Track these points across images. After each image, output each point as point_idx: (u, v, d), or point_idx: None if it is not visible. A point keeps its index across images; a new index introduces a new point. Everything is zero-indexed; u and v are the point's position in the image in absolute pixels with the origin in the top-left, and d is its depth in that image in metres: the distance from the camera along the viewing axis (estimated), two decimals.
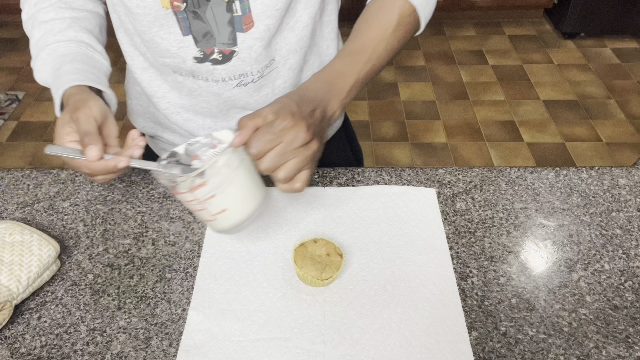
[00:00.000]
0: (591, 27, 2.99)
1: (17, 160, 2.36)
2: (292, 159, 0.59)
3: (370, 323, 0.66)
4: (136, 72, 0.83)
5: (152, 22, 0.73)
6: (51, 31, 0.78)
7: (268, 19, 0.74)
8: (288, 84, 0.84)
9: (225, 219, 0.63)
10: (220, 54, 0.76)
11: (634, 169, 0.87)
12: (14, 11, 3.24)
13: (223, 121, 0.86)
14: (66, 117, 0.66)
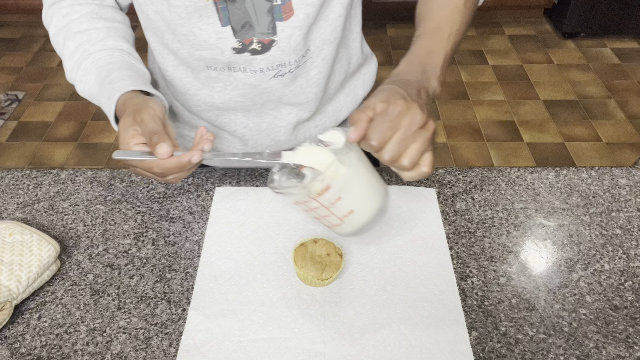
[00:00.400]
0: (591, 27, 2.99)
1: (17, 160, 2.36)
2: (413, 143, 0.57)
3: (370, 323, 0.66)
4: (167, 70, 0.83)
5: (191, 13, 0.73)
6: (89, 41, 0.78)
7: (307, 7, 0.74)
8: (322, 75, 0.84)
9: (353, 220, 0.61)
10: (260, 44, 0.76)
11: (634, 169, 0.87)
12: (14, 11, 3.24)
13: (256, 116, 0.85)
14: (129, 121, 0.66)
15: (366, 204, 0.61)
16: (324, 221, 0.63)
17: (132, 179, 0.87)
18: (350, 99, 0.94)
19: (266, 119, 0.86)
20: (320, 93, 0.86)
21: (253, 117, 0.86)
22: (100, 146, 2.42)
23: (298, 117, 0.87)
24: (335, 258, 0.69)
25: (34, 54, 3.06)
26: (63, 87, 2.80)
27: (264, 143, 0.88)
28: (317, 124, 0.91)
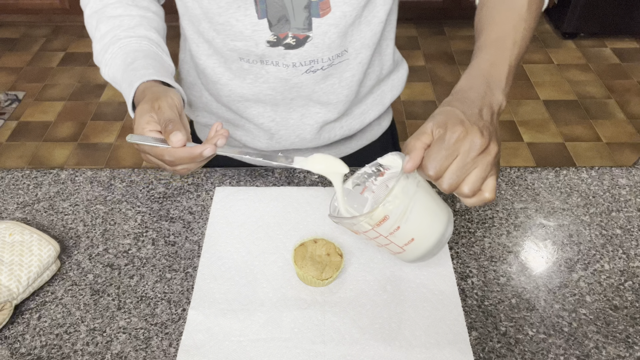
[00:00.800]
0: (591, 27, 2.99)
1: (17, 160, 2.36)
2: (474, 170, 0.54)
3: (370, 323, 0.66)
4: (200, 59, 0.84)
5: (230, 3, 0.73)
6: (120, 26, 0.78)
7: (345, 5, 0.74)
8: (356, 78, 0.84)
9: (415, 248, 0.61)
10: (294, 38, 0.76)
11: (634, 169, 0.87)
12: (14, 11, 3.24)
13: (284, 111, 0.86)
14: (146, 107, 0.66)
15: (427, 232, 0.60)
16: (386, 249, 0.64)
17: (132, 179, 0.87)
18: (377, 103, 0.94)
19: (294, 115, 0.86)
20: (351, 96, 0.86)
21: (281, 112, 0.86)
22: (100, 146, 2.42)
23: (325, 117, 0.87)
24: (335, 258, 0.70)
25: (34, 54, 3.06)
26: (63, 87, 2.80)
27: (288, 139, 0.89)
28: (343, 125, 0.91)
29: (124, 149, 2.41)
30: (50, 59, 3.03)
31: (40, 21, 3.33)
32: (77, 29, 3.29)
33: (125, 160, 2.35)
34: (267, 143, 0.89)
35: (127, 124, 2.55)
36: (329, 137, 0.91)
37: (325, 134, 0.90)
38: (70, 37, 3.21)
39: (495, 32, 0.69)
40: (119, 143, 2.44)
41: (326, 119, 0.88)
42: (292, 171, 0.88)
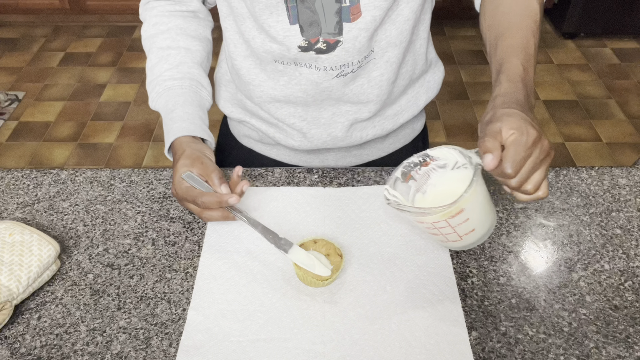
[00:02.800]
0: (591, 27, 2.99)
1: (17, 160, 2.36)
2: (538, 170, 0.59)
3: (370, 323, 0.66)
4: (237, 60, 0.86)
5: (263, 9, 0.75)
6: (167, 61, 0.86)
7: (375, 10, 0.75)
8: (385, 77, 0.84)
9: (471, 237, 0.64)
10: (325, 43, 0.77)
11: (634, 169, 0.87)
12: (14, 11, 3.24)
13: (314, 111, 0.87)
14: (187, 162, 0.75)
15: (485, 222, 0.64)
16: (441, 237, 0.64)
17: (132, 179, 0.87)
18: (411, 104, 0.94)
19: (325, 114, 0.87)
20: (382, 95, 0.86)
21: (312, 112, 0.87)
22: (100, 146, 2.42)
23: (356, 116, 0.88)
24: (335, 258, 0.70)
25: (34, 54, 3.06)
26: (63, 87, 2.80)
27: (320, 138, 0.89)
28: (375, 124, 0.91)
29: (124, 149, 2.41)
30: (50, 59, 3.03)
31: (40, 21, 3.33)
32: (77, 29, 3.29)
33: (125, 160, 2.35)
34: (300, 142, 0.90)
35: (127, 124, 2.55)
36: (361, 137, 0.91)
37: (357, 132, 0.90)
38: (70, 37, 3.21)
39: (519, 38, 0.72)
40: (119, 143, 2.44)
41: (357, 117, 0.88)
42: (292, 171, 0.88)
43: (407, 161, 0.65)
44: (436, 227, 0.62)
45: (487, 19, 0.79)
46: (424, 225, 0.62)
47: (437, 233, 0.63)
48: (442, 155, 0.65)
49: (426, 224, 0.62)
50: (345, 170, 0.88)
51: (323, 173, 0.87)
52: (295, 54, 0.78)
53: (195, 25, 0.89)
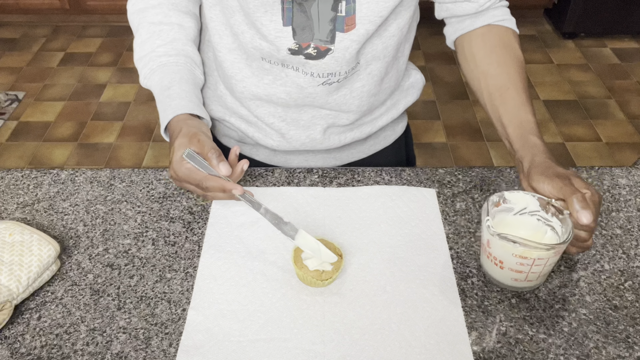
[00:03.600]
0: (591, 27, 2.99)
1: (17, 160, 2.36)
2: None
3: (370, 324, 0.66)
4: (221, 52, 0.84)
5: (258, 6, 0.74)
6: (160, 36, 0.83)
7: (370, 24, 0.75)
8: (366, 89, 0.85)
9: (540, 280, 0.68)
10: (316, 49, 0.77)
11: (634, 169, 0.87)
12: (14, 11, 3.24)
13: (294, 113, 0.87)
14: (184, 141, 0.72)
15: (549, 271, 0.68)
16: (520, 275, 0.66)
17: (132, 179, 0.87)
18: (390, 108, 0.94)
19: (304, 116, 0.87)
20: (363, 107, 0.87)
21: (292, 113, 0.87)
22: (100, 146, 2.42)
23: (335, 121, 0.88)
24: None
25: (34, 54, 3.06)
26: (63, 87, 2.80)
27: (299, 139, 0.89)
28: (354, 128, 0.92)
29: (124, 149, 2.41)
30: (50, 59, 3.03)
31: (40, 21, 3.33)
32: (77, 29, 3.29)
33: (125, 160, 2.35)
34: (279, 142, 0.90)
35: (127, 124, 2.55)
36: (340, 140, 0.91)
37: (335, 136, 0.90)
38: (70, 37, 3.21)
39: (521, 88, 0.80)
40: (119, 143, 2.44)
41: (335, 122, 0.88)
42: (292, 171, 0.88)
43: (490, 197, 0.68)
44: (531, 264, 0.64)
45: (480, 65, 0.83)
46: (517, 260, 0.64)
47: (523, 270, 0.65)
48: (514, 199, 0.69)
49: (523, 259, 0.64)
50: (345, 170, 0.88)
51: (323, 173, 0.87)
52: (284, 55, 0.78)
53: (186, 1, 0.87)
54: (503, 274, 0.67)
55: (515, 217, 0.69)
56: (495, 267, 0.67)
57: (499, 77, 0.80)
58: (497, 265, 0.66)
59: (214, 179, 0.71)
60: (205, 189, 0.71)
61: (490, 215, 0.66)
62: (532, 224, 0.69)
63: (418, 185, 0.84)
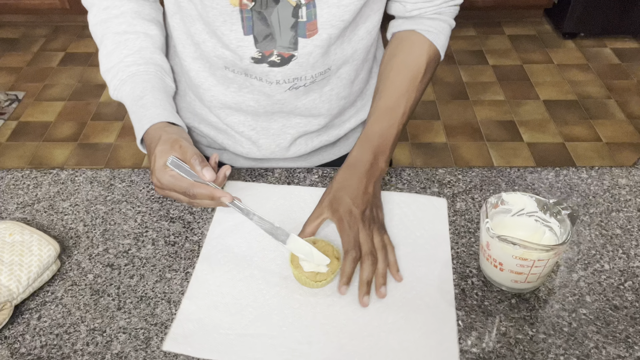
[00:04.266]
0: (591, 27, 2.98)
1: (17, 160, 2.36)
2: None
3: (359, 329, 0.65)
4: (185, 60, 0.84)
5: (216, 15, 0.73)
6: (126, 46, 0.81)
7: (332, 29, 0.75)
8: (335, 92, 0.85)
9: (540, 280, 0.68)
10: (279, 57, 0.76)
11: (634, 169, 0.87)
12: (14, 11, 3.24)
13: (264, 121, 0.86)
14: (166, 148, 0.71)
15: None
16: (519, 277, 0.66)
17: (132, 179, 0.87)
18: (359, 110, 0.94)
19: (274, 125, 0.86)
20: (333, 110, 0.87)
21: (262, 122, 0.86)
22: (100, 146, 2.42)
23: (306, 128, 0.88)
24: (332, 260, 0.69)
25: (34, 54, 3.06)
26: (63, 87, 2.80)
27: (269, 148, 0.89)
28: (321, 132, 0.92)
29: (124, 149, 2.41)
30: (50, 59, 3.03)
31: (40, 21, 3.33)
32: (77, 29, 3.29)
33: (125, 160, 2.35)
34: (249, 149, 0.89)
35: (127, 124, 2.55)
36: (308, 146, 0.91)
37: (303, 143, 0.90)
38: (70, 37, 3.21)
39: (390, 100, 0.81)
40: (119, 143, 2.44)
41: (307, 130, 0.88)
42: (292, 171, 0.88)
43: (488, 199, 0.68)
44: (530, 265, 0.64)
45: (382, 63, 0.85)
46: (516, 262, 0.64)
47: (522, 272, 0.65)
48: (512, 201, 0.69)
49: (523, 261, 0.63)
50: None
51: (323, 173, 0.87)
52: (247, 64, 0.77)
53: (149, 8, 0.84)
54: (503, 276, 0.67)
55: (514, 218, 0.69)
56: (495, 269, 0.67)
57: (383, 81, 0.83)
58: (496, 268, 0.66)
59: (202, 187, 0.69)
60: (192, 196, 0.70)
61: (489, 217, 0.66)
62: (530, 225, 0.69)
63: (418, 185, 0.84)
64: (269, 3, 0.71)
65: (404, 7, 0.83)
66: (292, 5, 0.72)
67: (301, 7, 0.72)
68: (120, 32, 0.81)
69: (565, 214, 0.65)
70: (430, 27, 0.83)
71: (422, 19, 0.84)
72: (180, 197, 0.71)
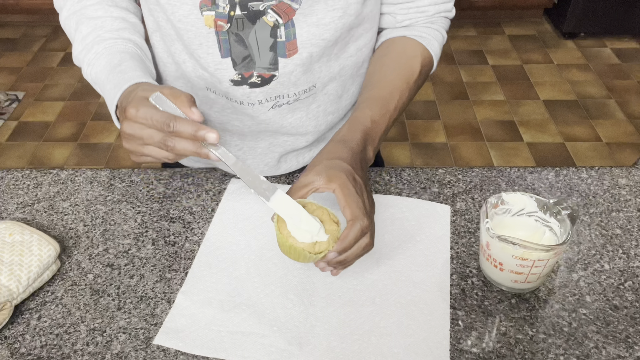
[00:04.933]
0: (591, 27, 2.98)
1: (17, 160, 2.36)
2: None
3: (350, 333, 0.64)
4: (167, 80, 0.83)
5: (192, 38, 0.72)
6: (103, 27, 0.75)
7: (313, 47, 0.73)
8: (322, 108, 0.83)
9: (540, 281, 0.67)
10: (259, 77, 0.75)
11: (634, 169, 0.87)
12: (14, 11, 3.24)
13: (251, 141, 0.84)
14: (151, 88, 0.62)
15: None
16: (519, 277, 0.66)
17: (132, 179, 0.87)
18: None
19: (261, 144, 0.85)
20: (320, 126, 0.85)
21: (248, 142, 0.85)
22: (100, 146, 2.42)
23: (294, 146, 0.86)
24: (330, 226, 0.63)
25: (34, 54, 3.06)
26: (63, 87, 2.80)
27: (257, 167, 0.87)
28: (312, 148, 0.89)
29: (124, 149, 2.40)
30: (50, 59, 3.03)
31: (40, 21, 3.33)
32: None
33: (125, 160, 2.35)
34: None
35: None
36: (298, 162, 0.90)
37: (292, 160, 0.89)
38: None
39: (383, 91, 0.75)
40: (119, 143, 2.44)
41: (295, 147, 0.86)
42: (293, 171, 0.87)
43: (488, 199, 0.67)
44: (530, 265, 0.64)
45: (372, 62, 0.81)
46: (517, 262, 0.64)
47: (522, 272, 0.65)
48: (512, 201, 0.68)
49: (523, 261, 0.63)
50: None
51: None
52: (227, 87, 0.75)
53: (127, 2, 0.79)
54: (503, 276, 0.67)
55: (513, 218, 0.69)
56: (495, 269, 0.67)
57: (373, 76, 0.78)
58: (496, 268, 0.66)
59: (186, 121, 0.58)
60: (171, 133, 0.58)
61: (489, 217, 0.66)
62: (530, 225, 0.69)
63: (418, 185, 0.84)
64: (246, 24, 0.70)
65: (394, 18, 0.81)
66: (270, 25, 0.70)
67: (279, 27, 0.70)
68: (96, 17, 0.75)
69: (565, 214, 0.65)
70: (423, 33, 0.81)
71: (413, 27, 0.81)
72: (152, 135, 0.59)
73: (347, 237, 0.60)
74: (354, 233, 0.60)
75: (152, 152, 0.61)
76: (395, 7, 0.80)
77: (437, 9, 0.80)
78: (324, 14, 0.71)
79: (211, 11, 0.69)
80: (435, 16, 0.81)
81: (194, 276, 0.70)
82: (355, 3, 0.72)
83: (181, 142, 0.59)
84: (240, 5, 0.69)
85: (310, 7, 0.70)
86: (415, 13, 0.80)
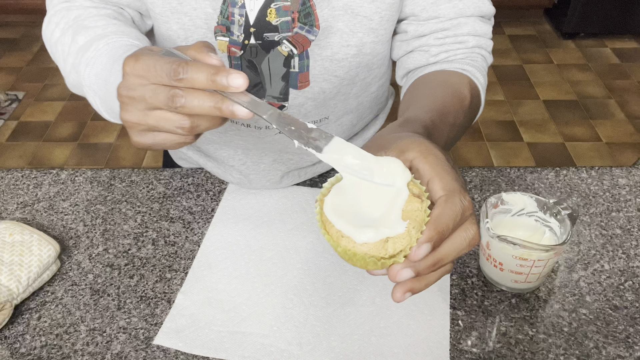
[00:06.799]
0: (591, 27, 2.98)
1: (17, 160, 2.36)
2: None
3: (351, 333, 0.64)
4: None
5: None
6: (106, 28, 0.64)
7: (325, 83, 0.72)
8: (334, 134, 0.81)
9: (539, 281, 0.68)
10: None
11: (634, 169, 0.87)
12: (14, 11, 3.24)
13: (255, 156, 0.83)
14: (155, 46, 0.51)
15: None
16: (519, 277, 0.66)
17: (132, 179, 0.87)
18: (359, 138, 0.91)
19: (266, 160, 0.84)
20: None
21: (253, 156, 0.84)
22: (100, 146, 2.42)
23: (299, 164, 0.85)
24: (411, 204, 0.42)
25: (34, 54, 3.06)
26: (63, 87, 2.80)
27: (260, 182, 0.86)
28: (316, 165, 0.87)
29: (124, 149, 2.41)
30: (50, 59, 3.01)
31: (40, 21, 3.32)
32: None
33: (125, 160, 2.35)
34: (239, 179, 0.84)
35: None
36: (304, 177, 0.88)
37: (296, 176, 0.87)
38: None
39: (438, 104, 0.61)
40: (119, 143, 2.44)
41: (299, 165, 0.85)
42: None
43: (488, 199, 0.67)
44: (530, 265, 0.64)
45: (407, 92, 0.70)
46: (516, 262, 0.64)
47: (522, 272, 0.65)
48: (512, 201, 0.68)
49: (523, 261, 0.63)
50: None
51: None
52: None
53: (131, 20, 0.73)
54: (503, 276, 0.67)
55: (513, 218, 0.70)
56: (495, 269, 0.67)
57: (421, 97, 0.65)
58: (496, 268, 0.66)
59: (199, 64, 0.44)
60: (180, 82, 0.44)
61: (489, 217, 0.66)
62: (530, 225, 0.69)
63: None
64: (259, 52, 0.69)
65: (427, 52, 0.71)
66: (284, 55, 0.69)
67: (293, 57, 0.69)
68: (97, 26, 0.65)
69: (565, 214, 0.65)
70: (466, 65, 0.70)
71: (451, 62, 0.71)
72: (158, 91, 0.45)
73: (441, 216, 0.40)
74: (453, 212, 0.40)
75: (160, 122, 0.46)
76: (427, 38, 0.71)
77: (478, 41, 0.71)
78: (338, 49, 0.70)
79: (225, 37, 0.69)
80: (476, 51, 0.72)
81: (194, 276, 0.70)
82: (371, 43, 0.69)
83: (195, 96, 0.44)
84: (255, 35, 0.68)
85: (326, 38, 0.69)
86: (452, 43, 0.71)
